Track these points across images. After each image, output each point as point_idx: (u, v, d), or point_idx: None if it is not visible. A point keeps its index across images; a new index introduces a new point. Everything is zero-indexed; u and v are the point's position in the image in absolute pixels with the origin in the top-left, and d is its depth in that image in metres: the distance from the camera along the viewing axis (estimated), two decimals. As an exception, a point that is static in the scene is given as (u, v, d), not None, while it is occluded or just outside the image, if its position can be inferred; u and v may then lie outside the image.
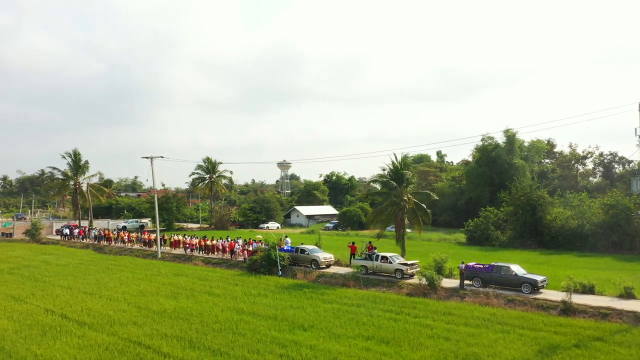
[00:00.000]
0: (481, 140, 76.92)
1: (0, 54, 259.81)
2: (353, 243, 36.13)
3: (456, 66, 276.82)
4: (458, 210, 75.20)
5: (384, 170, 34.42)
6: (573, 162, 75.62)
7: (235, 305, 23.99)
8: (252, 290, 27.77)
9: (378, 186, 36.39)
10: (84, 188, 66.16)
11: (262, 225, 77.82)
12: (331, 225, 79.15)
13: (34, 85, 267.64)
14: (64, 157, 66.17)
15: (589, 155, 71.50)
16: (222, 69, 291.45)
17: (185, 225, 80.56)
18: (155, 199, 47.20)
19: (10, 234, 65.27)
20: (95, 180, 74.84)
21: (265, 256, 33.87)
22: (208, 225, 79.20)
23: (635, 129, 19.73)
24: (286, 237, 39.69)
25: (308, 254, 34.24)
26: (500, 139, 75.74)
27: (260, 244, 36.62)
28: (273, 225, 79.86)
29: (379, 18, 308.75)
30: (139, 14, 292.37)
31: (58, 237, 61.11)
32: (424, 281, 26.98)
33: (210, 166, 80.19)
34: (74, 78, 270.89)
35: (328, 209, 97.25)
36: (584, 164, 74.35)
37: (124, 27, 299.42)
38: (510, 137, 74.24)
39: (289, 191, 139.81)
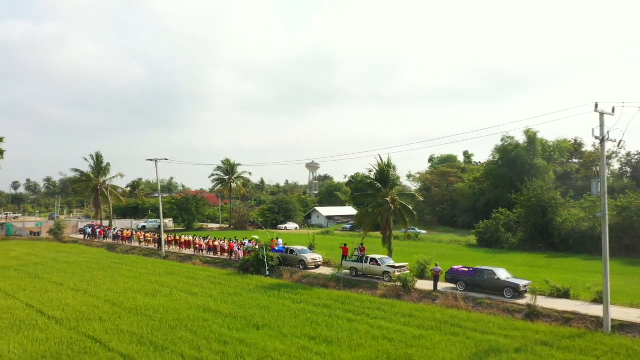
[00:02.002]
0: (501, 140, 75.29)
1: (49, 61, 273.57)
2: (345, 245, 36.24)
3: (496, 64, 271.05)
4: (477, 212, 73.81)
5: (370, 171, 34.38)
6: (597, 162, 72.71)
7: (205, 303, 24.63)
8: (230, 289, 28.40)
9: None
10: (106, 189, 68.92)
11: (280, 226, 78.63)
12: (348, 226, 79.24)
13: (79, 90, 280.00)
14: (85, 159, 69.20)
15: (614, 155, 68.61)
16: (260, 71, 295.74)
17: (205, 225, 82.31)
18: (160, 200, 48.69)
19: (38, 233, 68.57)
20: (128, 181, 77.54)
21: (255, 256, 34.49)
22: (228, 226, 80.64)
23: (593, 129, 19.07)
24: (278, 238, 40.21)
25: (296, 255, 34.66)
26: (522, 139, 73.91)
27: (253, 244, 37.27)
28: (291, 226, 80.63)
29: (416, 17, 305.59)
30: (179, 19, 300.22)
31: (80, 236, 63.80)
32: (398, 283, 26.95)
33: (229, 168, 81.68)
34: (117, 83, 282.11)
35: (348, 210, 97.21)
36: (609, 164, 71.34)
37: (165, 33, 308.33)
38: (531, 136, 72.18)
39: (317, 192, 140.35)
